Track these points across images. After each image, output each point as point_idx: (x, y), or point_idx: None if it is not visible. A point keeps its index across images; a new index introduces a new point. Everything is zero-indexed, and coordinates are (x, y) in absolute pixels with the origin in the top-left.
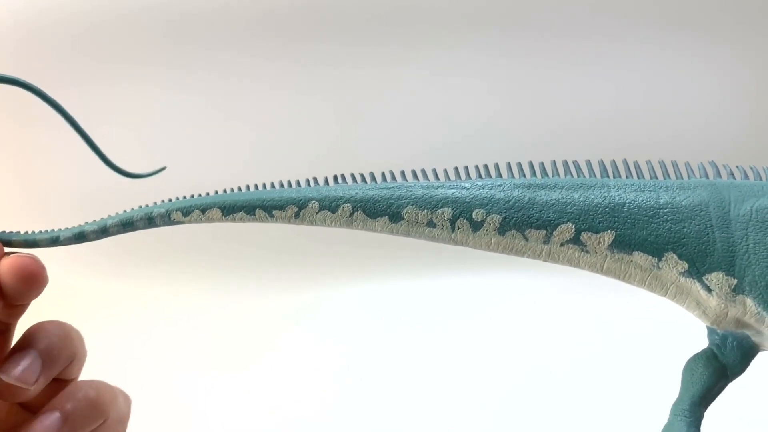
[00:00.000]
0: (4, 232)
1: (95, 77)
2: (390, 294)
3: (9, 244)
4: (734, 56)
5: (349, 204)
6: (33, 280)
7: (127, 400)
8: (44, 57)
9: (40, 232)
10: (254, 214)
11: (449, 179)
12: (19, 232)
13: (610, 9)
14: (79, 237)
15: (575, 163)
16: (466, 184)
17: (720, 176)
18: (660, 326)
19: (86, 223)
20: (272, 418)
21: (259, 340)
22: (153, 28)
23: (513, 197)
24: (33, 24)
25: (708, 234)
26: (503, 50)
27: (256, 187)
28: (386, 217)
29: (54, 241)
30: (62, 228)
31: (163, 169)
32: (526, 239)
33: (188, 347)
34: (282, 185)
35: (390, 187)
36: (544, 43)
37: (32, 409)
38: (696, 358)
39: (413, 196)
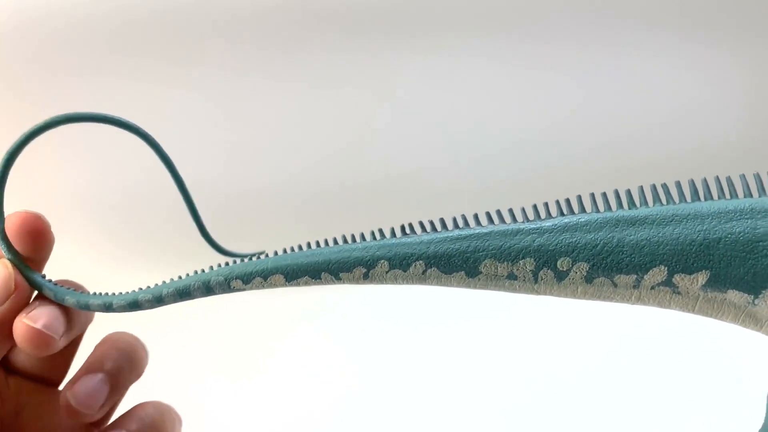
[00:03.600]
0: (58, 285)
1: (96, 76)
2: (400, 294)
3: (63, 302)
4: (737, 56)
5: (421, 261)
6: (37, 236)
7: (181, 423)
8: (46, 55)
9: (94, 294)
10: (320, 278)
11: (527, 218)
12: (72, 290)
13: (613, 10)
14: (133, 305)
15: (664, 186)
16: (548, 224)
17: None
18: (668, 327)
19: (140, 290)
20: (280, 420)
21: (267, 340)
22: (155, 27)
23: (600, 240)
24: (34, 21)
25: None
26: (505, 51)
27: (318, 244)
28: (462, 272)
29: (107, 307)
30: (116, 293)
31: (262, 252)
32: (615, 285)
33: (195, 348)
34: (346, 240)
35: (464, 237)
36: (545, 45)
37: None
38: None
39: (491, 247)
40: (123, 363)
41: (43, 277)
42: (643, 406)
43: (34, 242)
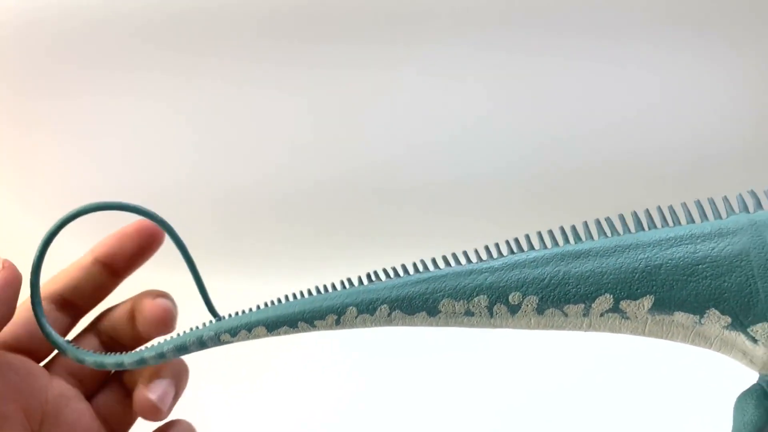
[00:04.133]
0: (79, 348)
1: (89, 81)
2: None
3: (83, 362)
4: (742, 56)
5: (386, 305)
6: (154, 242)
7: None
8: (29, 60)
9: (108, 355)
10: (297, 326)
11: (480, 258)
12: (91, 352)
13: (615, 7)
14: (140, 362)
15: (608, 219)
16: (498, 264)
17: (761, 207)
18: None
19: (146, 348)
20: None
21: (266, 349)
22: (145, 30)
23: (547, 274)
24: (38, 20)
25: (750, 285)
26: (504, 50)
27: (295, 296)
28: (424, 312)
29: (119, 365)
30: (125, 353)
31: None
32: (566, 315)
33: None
34: (318, 291)
35: (423, 280)
36: (545, 43)
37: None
38: (746, 396)
39: (447, 288)
40: (178, 373)
41: (68, 342)
42: (622, 417)
43: (146, 246)
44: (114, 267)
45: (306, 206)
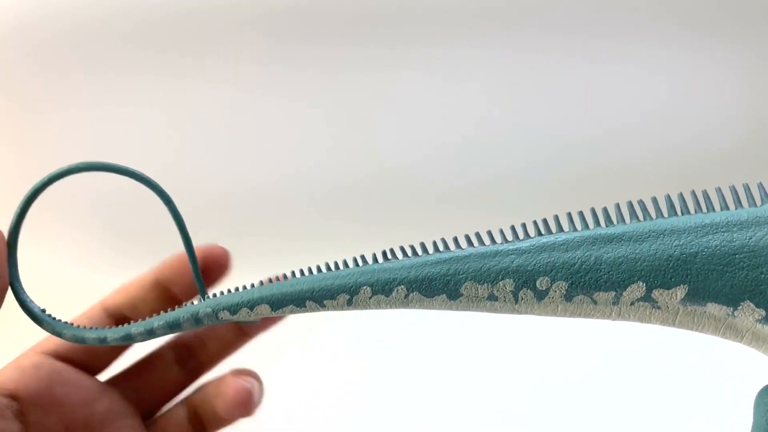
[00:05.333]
0: (57, 319)
1: (88, 80)
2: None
3: (60, 335)
4: (754, 56)
5: (403, 286)
6: (220, 268)
7: None
8: (32, 59)
9: (90, 329)
10: (304, 306)
11: (505, 239)
12: (70, 324)
13: (622, 5)
14: (126, 338)
15: (641, 202)
16: (526, 245)
17: None
18: (657, 333)
19: (132, 323)
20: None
21: (275, 343)
22: (146, 29)
23: (578, 258)
24: (36, 20)
25: None
26: (509, 50)
27: (302, 272)
28: (444, 295)
29: (101, 341)
30: (109, 328)
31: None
32: (595, 302)
33: None
34: (329, 268)
35: (444, 261)
36: (551, 43)
37: None
38: (767, 392)
39: (470, 270)
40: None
41: (43, 311)
42: (632, 412)
43: (211, 272)
44: (173, 291)
45: (314, 204)
